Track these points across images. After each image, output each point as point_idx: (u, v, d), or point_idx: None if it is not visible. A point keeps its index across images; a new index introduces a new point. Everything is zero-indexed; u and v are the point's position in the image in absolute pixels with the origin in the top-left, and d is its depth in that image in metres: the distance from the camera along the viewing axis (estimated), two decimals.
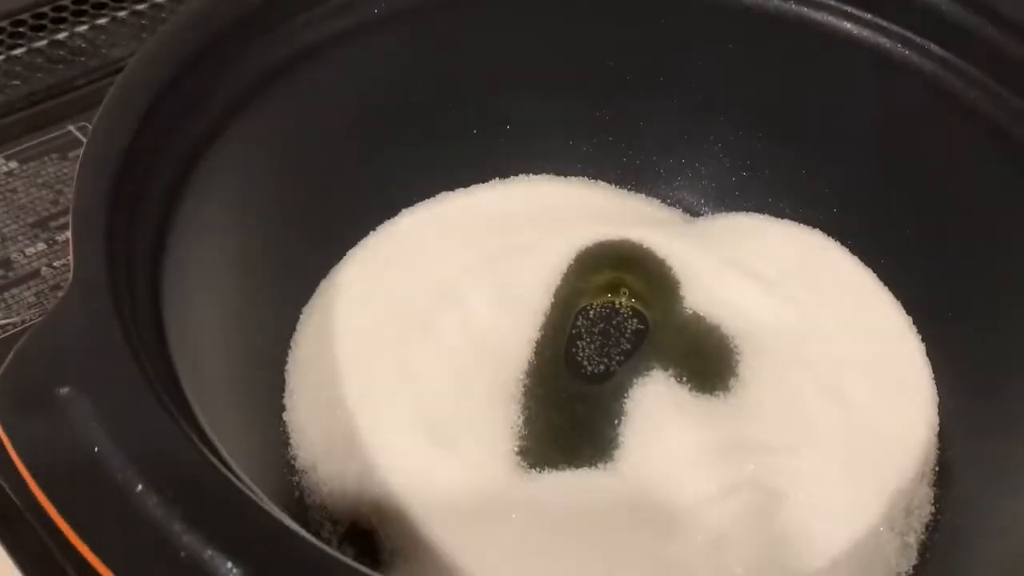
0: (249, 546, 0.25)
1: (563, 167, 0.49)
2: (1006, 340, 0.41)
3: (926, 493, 0.40)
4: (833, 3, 0.45)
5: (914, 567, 0.38)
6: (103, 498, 0.25)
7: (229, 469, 0.28)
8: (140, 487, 0.25)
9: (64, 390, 0.27)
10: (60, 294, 0.46)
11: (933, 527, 0.39)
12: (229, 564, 0.24)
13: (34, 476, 0.26)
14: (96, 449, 0.26)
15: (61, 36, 0.58)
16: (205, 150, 0.38)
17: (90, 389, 0.27)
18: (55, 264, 0.48)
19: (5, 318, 0.46)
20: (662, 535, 0.37)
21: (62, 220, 0.50)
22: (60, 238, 0.49)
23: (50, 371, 0.27)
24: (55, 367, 0.27)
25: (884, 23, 0.44)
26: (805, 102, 0.47)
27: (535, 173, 0.49)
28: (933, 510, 0.40)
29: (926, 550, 0.38)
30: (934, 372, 0.43)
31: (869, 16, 0.44)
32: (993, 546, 0.36)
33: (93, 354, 0.28)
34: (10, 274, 0.47)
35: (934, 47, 0.43)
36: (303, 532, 0.27)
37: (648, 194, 0.50)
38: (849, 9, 0.45)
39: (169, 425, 0.27)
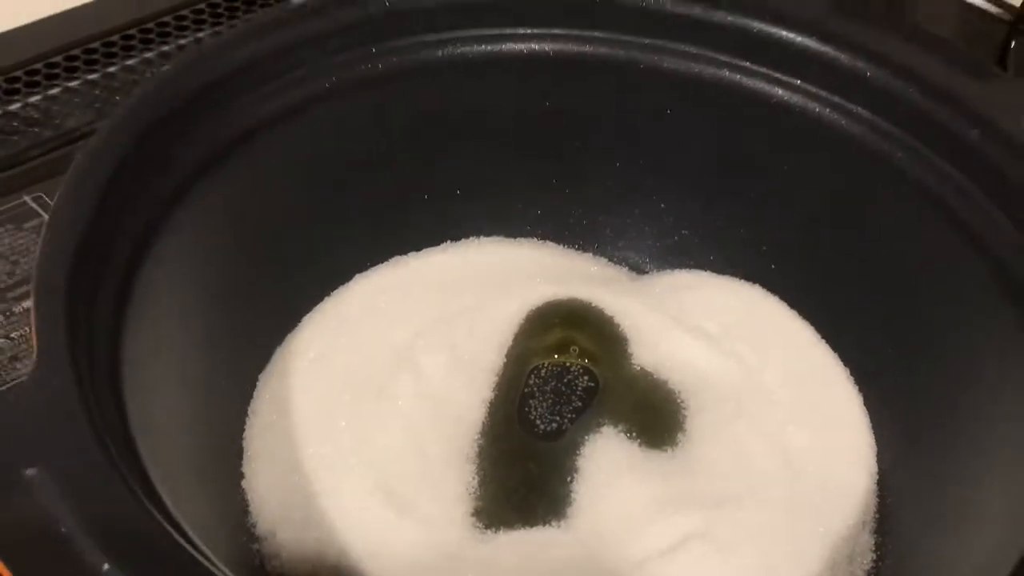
0: None
1: (512, 229, 0.50)
2: (939, 390, 0.41)
3: (867, 540, 0.40)
4: (764, 70, 0.45)
5: None
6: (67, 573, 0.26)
7: (190, 542, 0.28)
8: (106, 566, 0.25)
9: (31, 471, 0.27)
10: (18, 365, 0.47)
11: (875, 574, 0.40)
12: None
13: (2, 556, 0.26)
14: (63, 529, 0.26)
15: (14, 107, 0.58)
16: (160, 225, 0.39)
17: (56, 470, 0.27)
18: (12, 335, 0.48)
19: None
20: None
21: (18, 291, 0.49)
22: (16, 309, 0.49)
23: (17, 452, 0.27)
24: (21, 448, 0.28)
25: (813, 89, 0.45)
26: (741, 164, 0.48)
27: (485, 235, 0.50)
28: (875, 557, 0.40)
29: None
30: (872, 422, 0.44)
31: (799, 82, 0.45)
32: None
33: (58, 434, 0.28)
34: None
35: (862, 111, 0.44)
36: None
37: (595, 253, 0.50)
38: (780, 76, 0.45)
39: (132, 503, 0.28)
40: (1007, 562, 0.31)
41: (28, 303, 0.48)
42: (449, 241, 0.49)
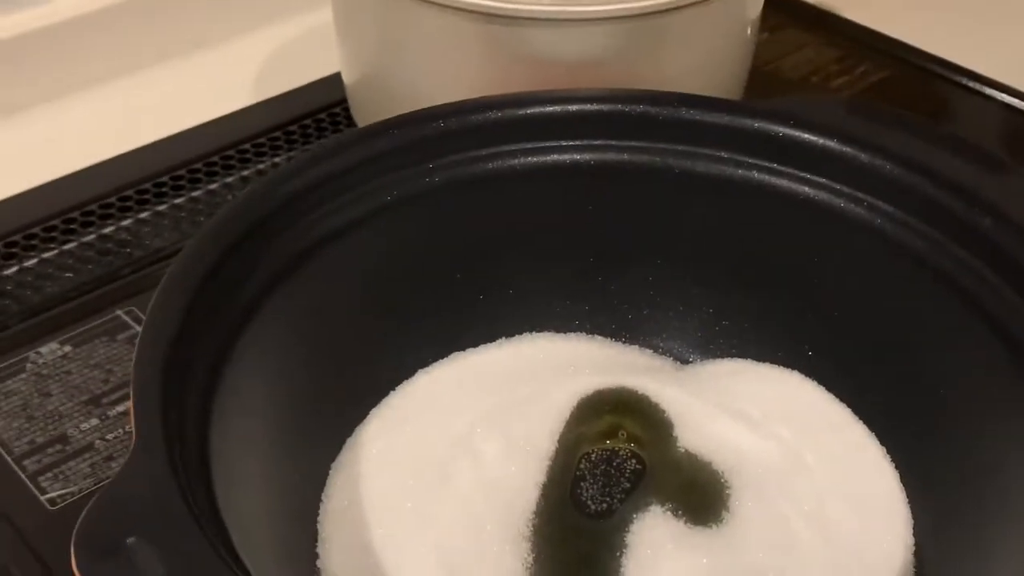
0: None
1: (562, 325, 0.50)
2: (970, 468, 0.42)
3: None
4: (790, 170, 0.46)
5: None
6: None
7: None
8: None
9: (131, 540, 0.29)
10: (112, 464, 0.48)
11: None
12: None
13: None
14: None
15: (107, 230, 0.61)
16: (241, 330, 0.40)
17: (154, 539, 0.29)
18: (107, 437, 0.50)
19: (64, 488, 0.47)
20: None
21: (113, 396, 0.51)
22: (112, 413, 0.51)
23: (120, 524, 0.29)
24: (124, 520, 0.29)
25: (836, 186, 0.46)
26: (774, 258, 0.48)
27: (537, 331, 0.50)
28: None
29: None
30: (908, 497, 0.43)
31: (822, 180, 0.46)
32: None
33: (155, 509, 0.30)
34: (67, 448, 0.49)
35: (882, 204, 0.45)
36: None
37: (641, 345, 0.51)
38: (805, 175, 0.46)
39: (221, 570, 0.29)
40: None
41: (121, 407, 0.51)
42: (504, 338, 0.49)
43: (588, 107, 0.48)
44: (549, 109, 0.47)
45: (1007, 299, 0.41)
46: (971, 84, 0.76)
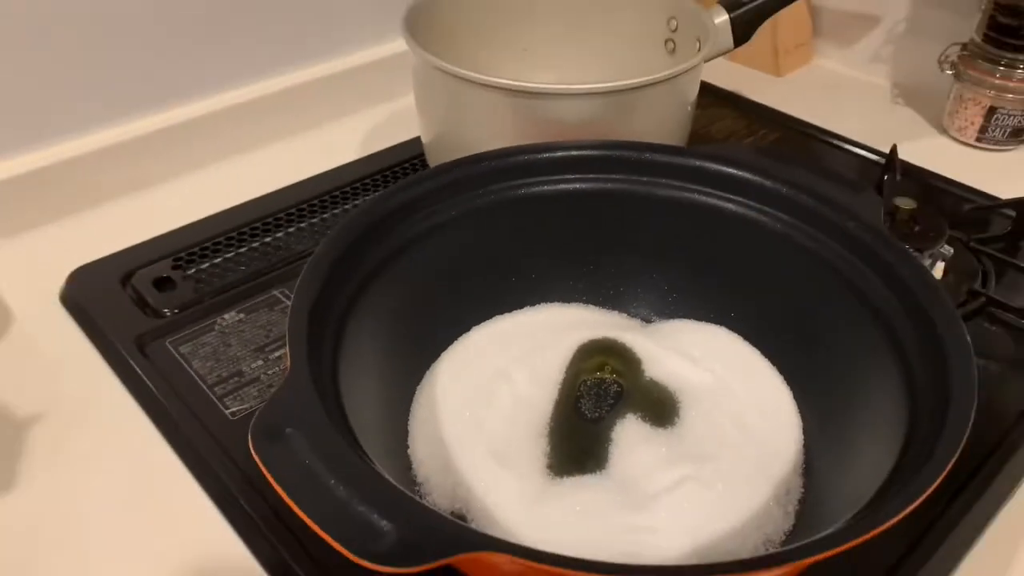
0: (396, 511, 0.27)
1: (567, 297, 0.49)
2: (838, 387, 0.41)
3: (798, 480, 0.40)
4: (719, 193, 0.46)
5: (792, 526, 0.38)
6: (311, 486, 0.28)
7: (380, 473, 0.30)
8: (332, 480, 0.28)
9: (289, 429, 0.29)
10: (273, 390, 0.46)
11: (803, 500, 0.39)
12: (384, 521, 0.26)
13: (274, 478, 0.28)
14: (307, 461, 0.28)
15: (267, 239, 0.60)
16: (356, 300, 0.40)
17: (303, 429, 0.29)
18: (268, 372, 0.49)
19: (240, 405, 0.47)
20: (637, 512, 0.37)
21: (273, 346, 0.51)
22: (271, 357, 0.50)
23: (281, 419, 0.30)
24: (284, 417, 0.30)
25: (751, 203, 0.45)
26: (709, 252, 0.47)
27: (549, 302, 0.49)
28: (802, 490, 0.40)
29: (799, 515, 0.39)
30: (799, 408, 0.43)
31: (742, 199, 0.45)
32: (837, 505, 0.35)
33: (302, 411, 0.30)
34: (242, 379, 0.49)
35: (782, 215, 0.44)
36: (427, 504, 0.29)
37: (619, 311, 0.50)
38: (729, 196, 0.45)
39: (346, 449, 0.29)
40: (876, 484, 0.32)
41: (278, 353, 0.51)
42: (528, 306, 0.49)
43: (585, 152, 0.47)
44: (559, 154, 0.47)
45: (867, 276, 0.41)
46: (834, 141, 0.75)
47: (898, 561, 0.40)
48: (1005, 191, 0.66)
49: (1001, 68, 0.71)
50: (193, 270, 0.57)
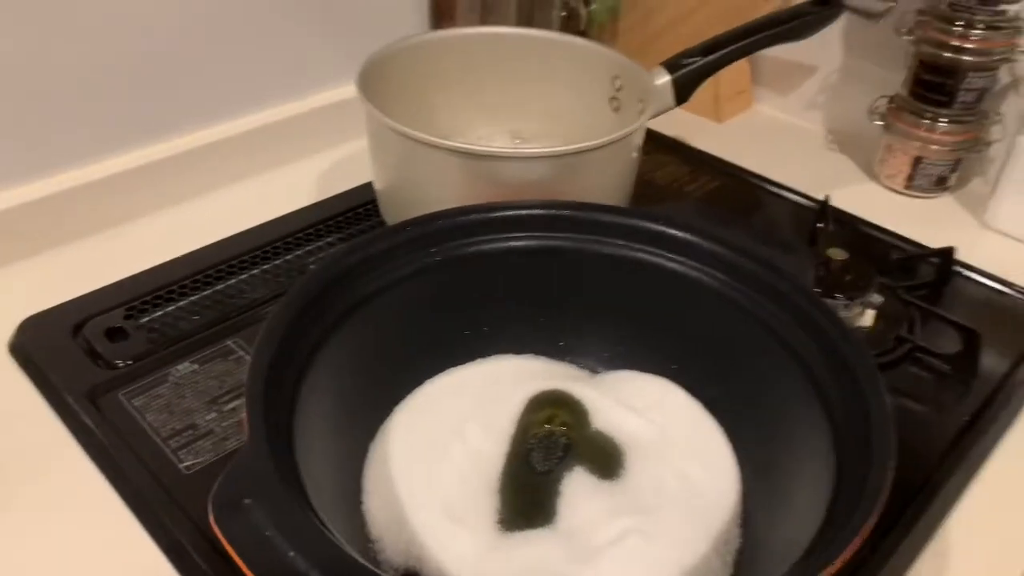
0: None
1: (518, 349, 0.50)
2: (774, 440, 0.43)
3: (736, 531, 0.41)
4: (660, 251, 0.47)
5: (731, 575, 0.40)
6: (271, 558, 0.28)
7: (337, 542, 0.31)
8: (291, 553, 0.29)
9: (247, 501, 0.30)
10: (226, 444, 0.48)
11: (741, 550, 0.41)
12: None
13: (236, 551, 0.29)
14: (266, 533, 0.29)
15: (220, 287, 0.60)
16: (314, 355, 0.41)
17: (261, 501, 0.30)
18: (223, 424, 0.49)
19: (195, 459, 0.47)
20: (583, 565, 0.38)
21: (226, 397, 0.51)
22: (225, 409, 0.50)
23: (239, 491, 0.30)
24: (242, 488, 0.31)
25: (689, 261, 0.47)
26: (651, 306, 0.48)
27: (501, 354, 0.50)
28: (740, 540, 0.41)
29: (737, 564, 0.40)
30: (738, 461, 0.44)
31: (681, 258, 0.47)
32: (770, 553, 0.37)
33: (260, 481, 0.31)
34: (196, 432, 0.49)
35: (718, 274, 0.46)
36: (382, 562, 0.30)
37: (568, 362, 0.51)
38: (669, 255, 0.47)
39: (303, 517, 0.30)
40: (810, 532, 0.34)
41: (232, 405, 0.51)
42: (480, 358, 0.49)
43: (534, 212, 0.48)
44: (510, 213, 0.48)
45: (797, 333, 0.43)
46: (772, 188, 0.77)
47: None
48: (931, 238, 0.70)
49: (926, 121, 0.75)
50: (146, 319, 0.57)
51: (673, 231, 0.47)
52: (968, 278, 0.67)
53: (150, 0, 0.63)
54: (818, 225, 0.69)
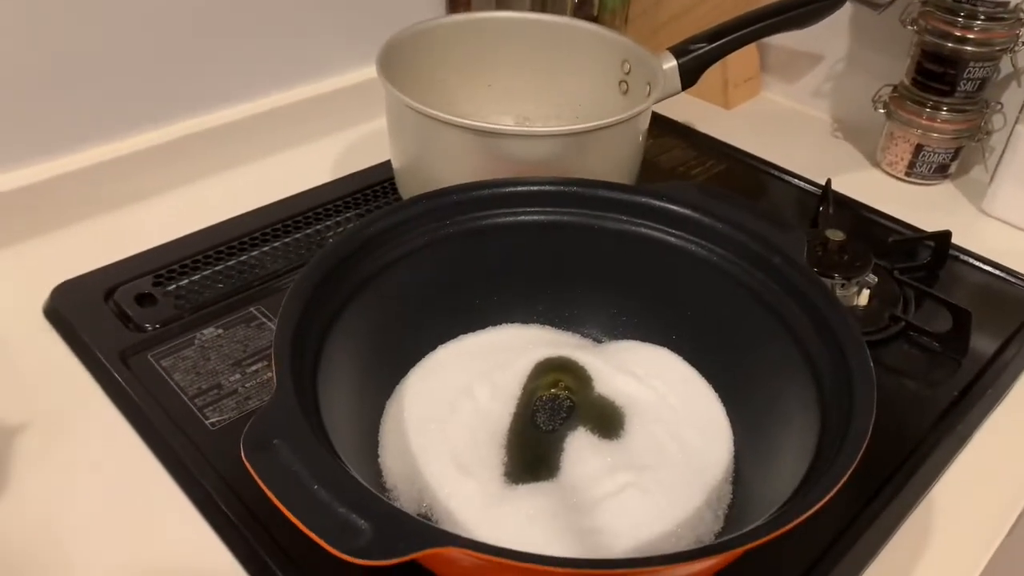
0: (372, 512, 0.30)
1: (526, 318, 0.52)
2: (764, 403, 0.45)
3: (728, 488, 0.43)
4: (663, 227, 0.49)
5: (722, 528, 0.42)
6: (297, 491, 0.30)
7: (357, 478, 0.32)
8: (316, 486, 0.30)
9: (276, 441, 0.32)
10: (249, 403, 0.50)
11: (732, 505, 0.43)
12: (362, 521, 0.29)
13: (264, 483, 0.30)
14: (293, 469, 0.31)
15: (244, 258, 0.62)
16: (336, 319, 0.42)
17: (287, 441, 0.32)
18: (246, 385, 0.51)
19: (220, 416, 0.49)
20: (584, 515, 0.40)
21: (250, 360, 0.53)
22: (248, 371, 0.52)
23: (269, 432, 0.32)
24: (271, 430, 0.33)
25: (690, 237, 0.48)
26: (654, 280, 0.50)
27: (510, 323, 0.52)
28: (732, 496, 0.43)
29: (728, 518, 0.42)
30: (731, 422, 0.46)
31: (683, 234, 0.49)
32: (758, 507, 0.39)
33: (288, 424, 0.33)
34: (220, 392, 0.51)
35: (717, 248, 0.48)
36: (399, 507, 0.32)
37: (572, 332, 0.52)
38: (672, 230, 0.49)
39: (327, 457, 0.32)
40: (792, 486, 0.36)
41: (255, 367, 0.53)
42: (490, 326, 0.51)
43: (543, 188, 0.50)
44: (520, 188, 0.50)
45: (789, 305, 0.45)
46: (776, 173, 0.79)
47: (822, 554, 0.44)
48: (929, 223, 0.71)
49: (927, 110, 0.77)
50: (173, 286, 0.60)
51: (677, 208, 0.49)
52: (963, 262, 0.69)
53: None
54: (820, 208, 0.71)
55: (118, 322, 0.56)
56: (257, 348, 0.55)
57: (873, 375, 0.38)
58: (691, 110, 0.88)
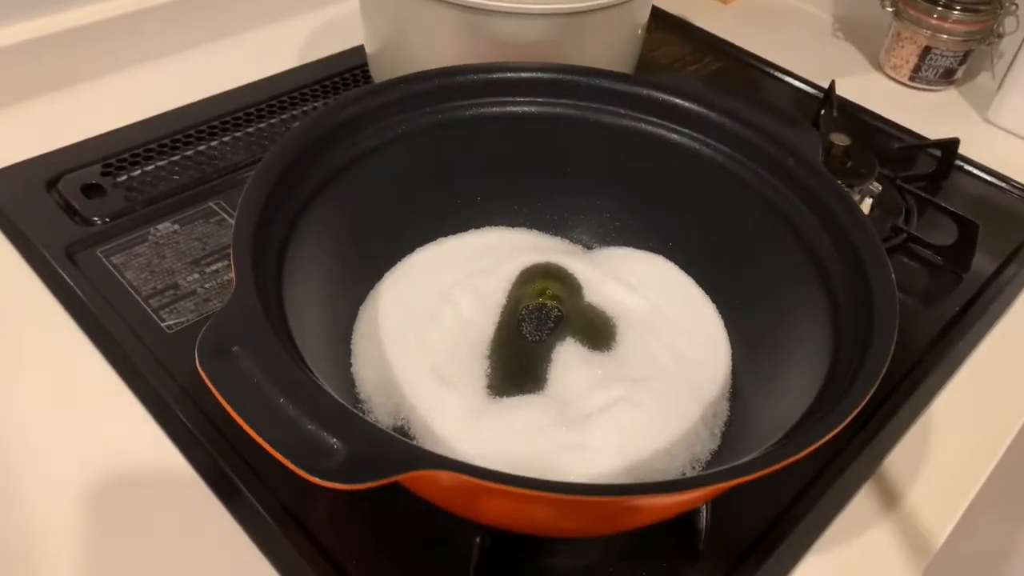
0: (345, 430, 0.27)
1: (512, 221, 0.49)
2: (766, 314, 0.42)
3: (725, 404, 0.42)
4: (664, 122, 0.45)
5: (718, 446, 0.40)
6: (261, 405, 0.27)
7: (326, 390, 0.30)
8: (281, 399, 0.28)
9: (235, 348, 0.29)
10: (209, 304, 0.47)
11: (729, 423, 0.41)
12: (334, 440, 0.27)
13: (223, 396, 0.27)
14: (255, 380, 0.28)
15: (202, 148, 0.58)
16: (300, 217, 0.39)
17: (248, 348, 0.29)
18: (205, 286, 0.49)
19: (176, 319, 0.46)
20: (572, 430, 0.38)
21: (209, 259, 0.50)
22: (208, 270, 0.49)
23: (227, 337, 0.29)
24: (230, 335, 0.29)
25: (693, 133, 0.45)
26: (650, 180, 0.47)
27: (495, 225, 0.49)
28: (728, 413, 0.41)
29: (724, 437, 0.40)
30: (729, 335, 0.44)
31: (686, 130, 0.45)
32: (761, 429, 0.37)
33: (249, 328, 0.30)
34: (177, 292, 0.48)
35: (722, 147, 0.44)
36: (371, 421, 0.29)
37: (562, 237, 0.50)
38: (673, 126, 0.45)
39: (294, 367, 0.29)
40: (798, 412, 0.34)
41: (215, 266, 0.50)
42: (473, 228, 0.49)
43: (534, 75, 0.46)
44: (509, 75, 0.46)
45: (802, 212, 0.42)
46: (774, 72, 0.75)
47: (818, 472, 0.43)
48: (933, 131, 0.68)
49: (939, 9, 0.72)
50: (124, 177, 0.55)
51: (681, 101, 0.45)
52: (968, 172, 0.66)
53: None
54: (822, 111, 0.67)
55: (63, 214, 0.52)
56: (217, 246, 0.52)
57: (895, 291, 0.35)
58: (688, 4, 0.83)
